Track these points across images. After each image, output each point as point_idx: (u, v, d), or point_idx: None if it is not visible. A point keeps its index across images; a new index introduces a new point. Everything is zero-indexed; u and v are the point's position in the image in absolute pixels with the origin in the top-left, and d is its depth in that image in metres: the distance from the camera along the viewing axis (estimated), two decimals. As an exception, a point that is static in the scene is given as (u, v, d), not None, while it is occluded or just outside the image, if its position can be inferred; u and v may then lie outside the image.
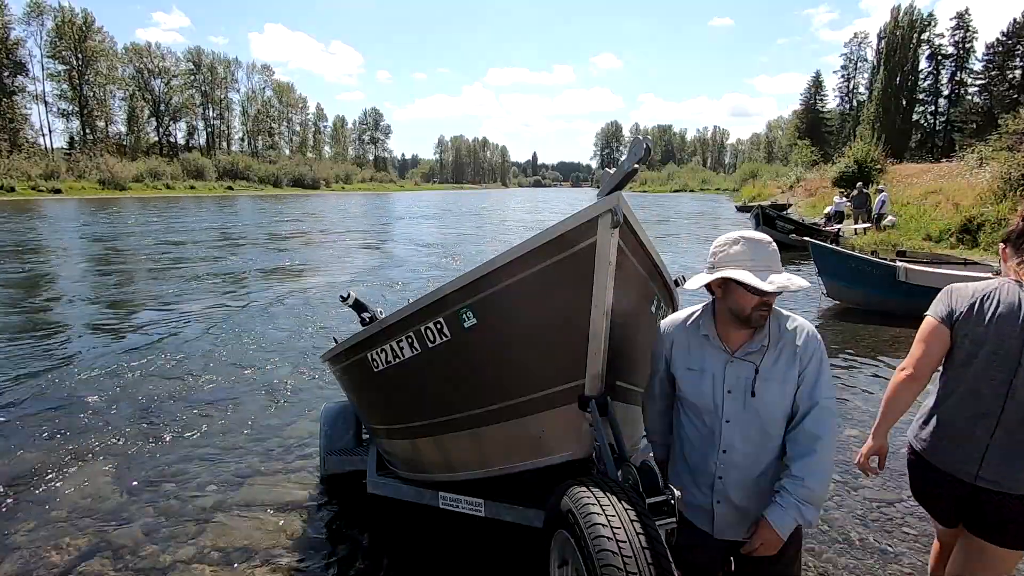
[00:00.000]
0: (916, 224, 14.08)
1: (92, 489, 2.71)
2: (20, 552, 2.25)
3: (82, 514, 2.50)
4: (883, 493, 2.74)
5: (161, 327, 5.79)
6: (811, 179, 33.57)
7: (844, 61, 67.26)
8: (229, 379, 4.34)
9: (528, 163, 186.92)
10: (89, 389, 4.01)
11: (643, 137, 1.37)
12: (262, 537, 2.38)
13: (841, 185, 23.52)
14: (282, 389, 4.17)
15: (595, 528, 1.24)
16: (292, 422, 3.58)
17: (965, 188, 14.60)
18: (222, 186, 56.68)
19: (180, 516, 2.52)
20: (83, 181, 44.94)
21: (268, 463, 3.04)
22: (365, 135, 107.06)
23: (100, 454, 3.05)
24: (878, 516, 2.56)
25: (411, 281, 8.91)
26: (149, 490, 2.72)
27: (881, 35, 55.99)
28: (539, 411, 1.62)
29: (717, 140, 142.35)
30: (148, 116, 66.61)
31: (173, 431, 3.40)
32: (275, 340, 5.41)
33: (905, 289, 6.06)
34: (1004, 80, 51.84)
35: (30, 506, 2.58)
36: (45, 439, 3.23)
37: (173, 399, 3.88)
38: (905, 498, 2.67)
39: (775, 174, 52.00)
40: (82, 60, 56.55)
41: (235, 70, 76.45)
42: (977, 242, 11.13)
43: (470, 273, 1.60)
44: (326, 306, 6.85)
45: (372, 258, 12.07)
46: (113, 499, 2.62)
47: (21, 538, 2.35)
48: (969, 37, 56.04)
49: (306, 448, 3.21)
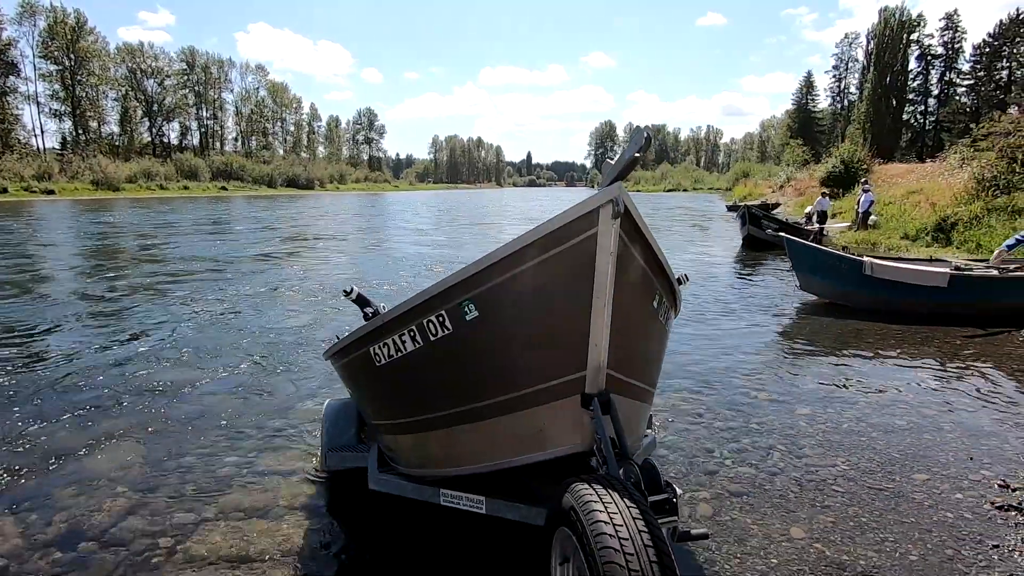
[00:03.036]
0: (896, 223, 14.47)
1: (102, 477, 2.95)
2: (70, 511, 2.53)
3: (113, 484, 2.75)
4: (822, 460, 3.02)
5: (160, 324, 5.93)
6: (801, 179, 34.06)
7: (835, 61, 67.90)
8: (228, 376, 4.39)
9: (523, 163, 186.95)
10: (82, 386, 4.12)
11: (643, 127, 1.39)
12: (262, 534, 2.39)
13: (829, 185, 23.96)
14: (283, 385, 4.19)
15: (597, 525, 1.24)
16: (294, 418, 3.61)
17: (944, 188, 15.00)
18: (216, 186, 56.55)
19: (177, 514, 2.53)
20: (76, 182, 44.76)
21: (269, 460, 3.07)
22: (359, 135, 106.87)
23: (94, 453, 3.17)
24: (813, 478, 2.84)
25: (419, 275, 9.17)
26: (140, 491, 2.72)
27: (870, 36, 56.53)
28: (541, 404, 1.61)
29: (710, 140, 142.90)
30: (141, 116, 66.27)
31: (170, 429, 3.41)
32: (276, 337, 5.52)
33: (871, 283, 6.40)
34: (991, 80, 52.63)
35: (69, 476, 2.84)
36: (51, 429, 3.47)
37: (170, 396, 3.91)
38: (839, 462, 2.97)
39: (767, 173, 52.51)
40: (75, 60, 56.29)
41: (229, 70, 76.29)
42: (951, 240, 11.50)
43: (472, 265, 1.61)
44: (329, 302, 7.05)
45: (372, 256, 12.30)
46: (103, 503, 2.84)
47: (69, 501, 2.62)
48: (958, 38, 56.74)
49: (307, 444, 3.24)
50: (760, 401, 3.92)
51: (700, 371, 4.55)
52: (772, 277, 9.38)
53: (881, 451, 3.14)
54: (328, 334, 5.08)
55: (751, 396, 4.01)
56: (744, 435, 3.36)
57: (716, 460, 3.05)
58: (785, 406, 3.83)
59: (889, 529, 2.41)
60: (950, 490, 2.72)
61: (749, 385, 4.24)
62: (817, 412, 3.71)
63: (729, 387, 4.20)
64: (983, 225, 11.21)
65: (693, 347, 5.23)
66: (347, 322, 5.65)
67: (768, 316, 6.69)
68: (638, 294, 1.71)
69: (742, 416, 3.64)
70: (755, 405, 3.85)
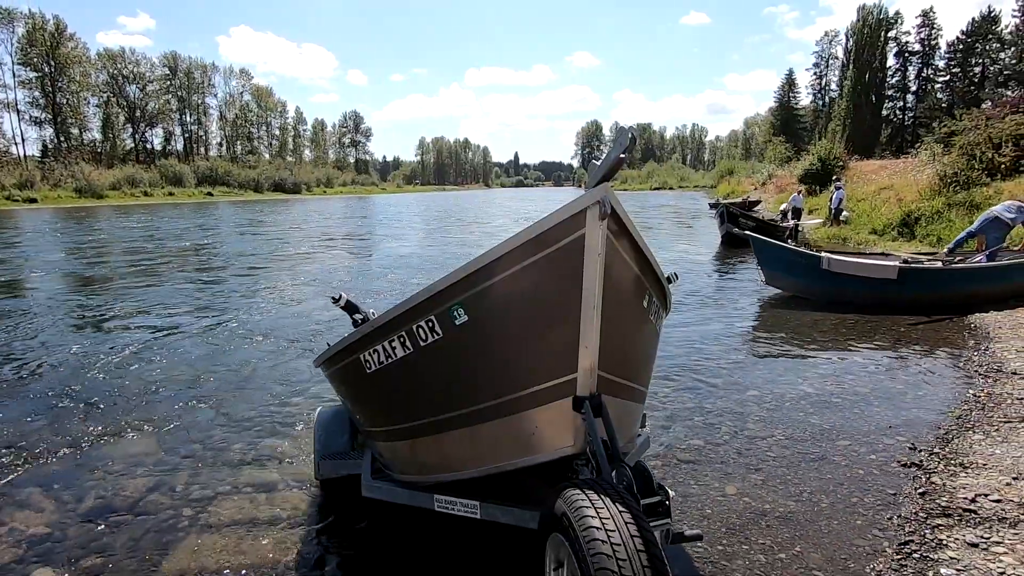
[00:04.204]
0: (866, 219, 15.07)
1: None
2: (101, 486, 2.89)
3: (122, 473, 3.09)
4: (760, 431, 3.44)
5: (148, 334, 6.03)
6: (782, 175, 34.85)
7: (816, 59, 69.14)
8: (218, 385, 4.43)
9: (510, 163, 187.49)
10: (72, 394, 4.20)
11: (628, 127, 1.39)
12: (255, 543, 2.41)
13: (807, 182, 24.66)
14: (275, 394, 4.22)
15: (589, 531, 1.25)
16: (285, 427, 3.64)
17: (913, 185, 15.65)
18: (202, 192, 56.30)
19: (169, 519, 2.58)
20: (59, 190, 44.38)
21: (261, 468, 3.10)
22: (345, 138, 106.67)
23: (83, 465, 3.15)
24: (751, 447, 3.26)
25: (406, 280, 9.52)
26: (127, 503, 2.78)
27: (850, 33, 57.67)
28: (532, 407, 1.61)
29: (696, 137, 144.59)
30: (124, 122, 65.79)
31: (159, 438, 3.45)
32: (266, 345, 5.60)
33: (828, 276, 6.88)
34: (965, 77, 54.10)
35: (89, 460, 3.17)
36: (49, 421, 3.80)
37: (158, 406, 3.99)
38: (776, 433, 3.41)
39: (751, 171, 53.43)
40: (54, 67, 55.73)
41: (212, 75, 75.86)
42: (914, 235, 12.10)
43: (460, 269, 1.61)
44: (317, 310, 7.29)
45: (360, 262, 12.61)
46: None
47: (99, 476, 2.99)
48: (934, 35, 58.17)
49: (300, 453, 3.26)
50: (715, 385, 4.35)
51: (663, 359, 4.96)
52: (745, 273, 9.87)
53: (815, 424, 3.59)
54: (318, 343, 5.36)
55: (708, 381, 4.44)
56: (697, 414, 3.78)
57: (671, 435, 3.47)
58: (737, 388, 4.27)
59: (808, 484, 2.84)
60: (866, 452, 3.17)
61: (707, 371, 4.67)
62: (765, 393, 4.15)
63: (688, 373, 4.62)
64: (944, 219, 11.82)
65: (660, 336, 5.65)
66: (340, 328, 5.99)
67: (733, 308, 7.16)
68: (628, 294, 1.72)
69: (698, 398, 4.07)
70: (710, 388, 4.28)
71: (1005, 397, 3.79)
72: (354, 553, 2.38)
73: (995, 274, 6.64)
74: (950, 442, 3.20)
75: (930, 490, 2.69)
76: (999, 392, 3.90)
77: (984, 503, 2.50)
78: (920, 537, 2.32)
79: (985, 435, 3.23)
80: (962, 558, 2.15)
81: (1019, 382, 4.06)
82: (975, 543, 2.23)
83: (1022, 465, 2.81)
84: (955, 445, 3.15)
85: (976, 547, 2.20)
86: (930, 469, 2.90)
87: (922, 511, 2.51)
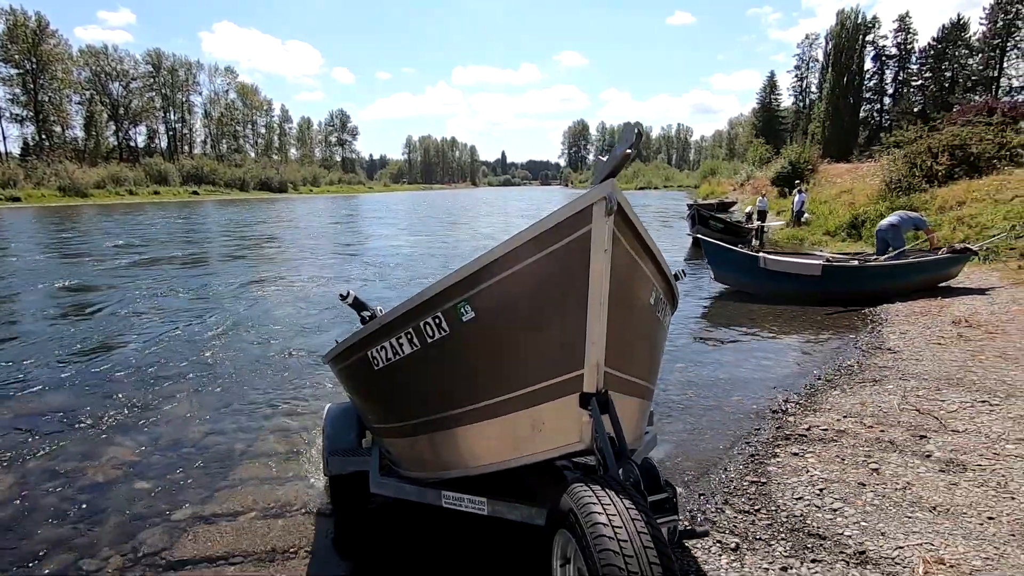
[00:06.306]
0: (824, 221, 16.29)
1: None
2: (101, 485, 3.07)
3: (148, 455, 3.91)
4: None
5: (154, 331, 6.26)
6: (760, 177, 36.23)
7: (797, 61, 70.98)
8: (228, 383, 4.55)
9: (497, 162, 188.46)
10: (72, 397, 4.31)
11: (635, 123, 1.38)
12: (264, 539, 2.46)
13: (779, 184, 25.95)
14: (284, 391, 4.38)
15: (596, 528, 1.26)
16: (295, 424, 3.77)
17: (870, 189, 16.90)
18: (187, 191, 56.36)
19: (179, 515, 2.65)
20: (42, 188, 44.29)
21: (270, 465, 3.20)
22: (332, 136, 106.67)
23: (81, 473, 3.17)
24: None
25: (412, 279, 10.22)
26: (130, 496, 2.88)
27: (829, 37, 59.37)
28: (539, 403, 1.61)
29: (681, 137, 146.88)
30: (107, 120, 65.44)
31: (169, 434, 3.60)
32: (275, 343, 5.82)
33: (765, 274, 7.96)
34: (936, 81, 56.30)
35: (89, 460, 3.40)
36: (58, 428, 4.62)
37: (169, 403, 4.14)
38: (689, 393, 4.42)
39: (733, 171, 54.95)
40: (36, 64, 55.34)
41: (197, 72, 75.60)
42: (861, 236, 13.30)
43: (467, 266, 1.62)
44: (326, 308, 7.73)
45: (366, 260, 13.44)
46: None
47: (127, 455, 3.56)
48: (910, 39, 60.27)
49: (308, 450, 3.36)
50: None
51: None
52: (707, 272, 10.97)
53: (720, 386, 4.63)
54: (327, 340, 5.79)
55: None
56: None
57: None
58: (669, 360, 5.28)
59: (700, 422, 3.87)
60: (750, 403, 4.21)
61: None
62: (689, 367, 5.18)
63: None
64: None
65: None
66: (348, 325, 6.23)
67: (685, 301, 8.20)
68: (635, 290, 1.73)
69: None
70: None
71: (870, 366, 4.85)
72: (362, 548, 2.45)
73: (901, 271, 7.80)
74: (813, 396, 4.25)
75: (784, 424, 3.72)
76: (868, 362, 4.96)
77: (814, 431, 3.53)
78: (764, 450, 3.34)
79: (841, 391, 4.28)
80: (784, 460, 3.17)
81: (888, 355, 5.13)
82: (796, 453, 3.26)
83: (855, 409, 3.85)
84: (816, 398, 4.20)
85: (796, 455, 3.23)
86: (790, 413, 3.94)
87: (773, 437, 3.54)
